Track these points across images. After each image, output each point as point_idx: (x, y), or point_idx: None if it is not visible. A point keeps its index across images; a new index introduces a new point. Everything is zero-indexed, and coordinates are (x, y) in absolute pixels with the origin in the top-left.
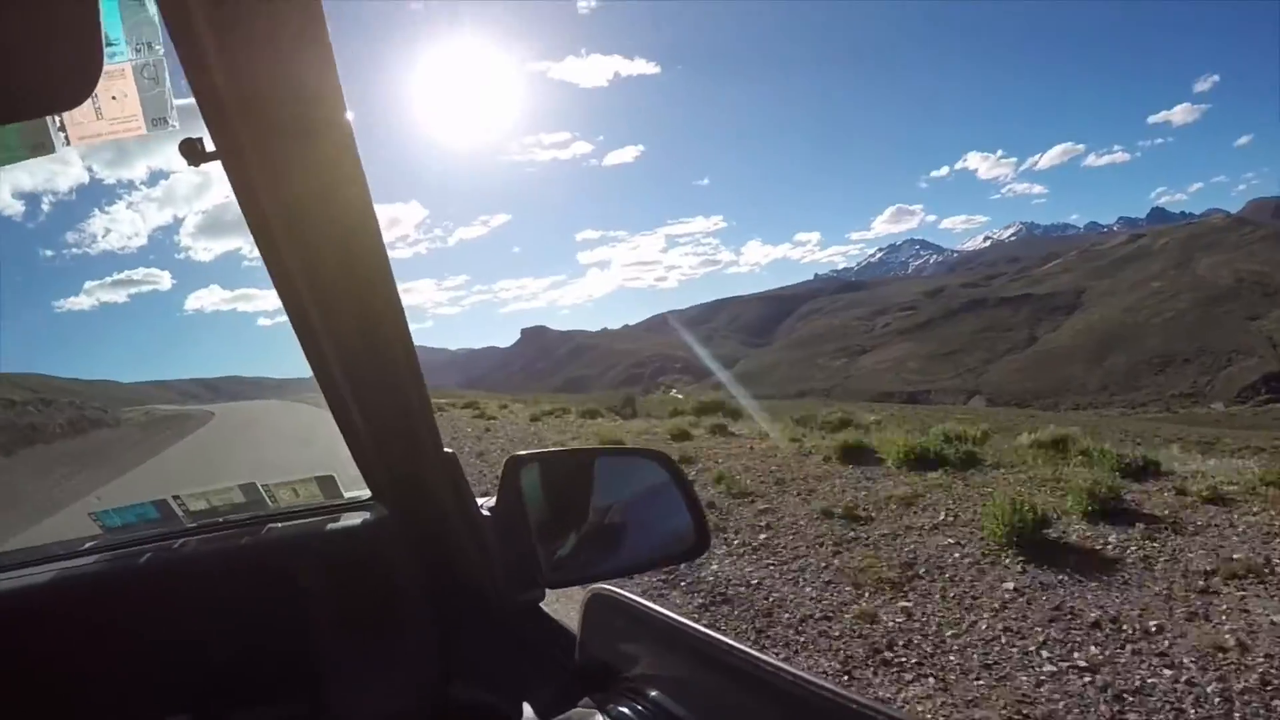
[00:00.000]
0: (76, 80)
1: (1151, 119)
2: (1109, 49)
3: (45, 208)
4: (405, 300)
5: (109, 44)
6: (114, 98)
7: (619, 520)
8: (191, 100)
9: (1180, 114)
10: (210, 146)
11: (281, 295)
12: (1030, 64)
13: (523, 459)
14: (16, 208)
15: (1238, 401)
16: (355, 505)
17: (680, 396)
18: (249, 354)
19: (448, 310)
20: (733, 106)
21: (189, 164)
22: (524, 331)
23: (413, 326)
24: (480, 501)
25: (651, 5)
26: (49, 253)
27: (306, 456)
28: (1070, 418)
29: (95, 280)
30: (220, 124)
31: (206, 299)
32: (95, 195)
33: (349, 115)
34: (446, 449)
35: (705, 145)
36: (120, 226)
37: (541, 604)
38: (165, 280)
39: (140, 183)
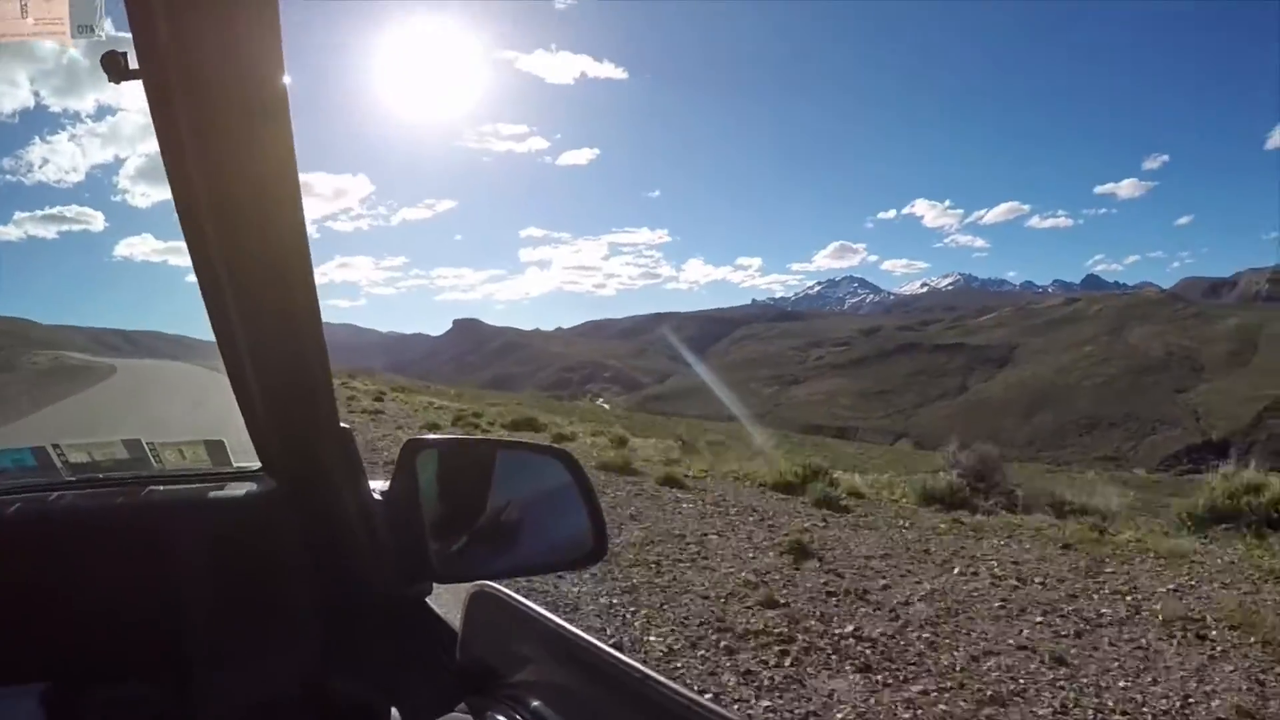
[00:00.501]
0: None
1: (1099, 189)
2: (1069, 116)
3: (68, 52)
4: (341, 275)
5: None
6: None
7: (516, 518)
8: (123, 12)
9: (1127, 188)
10: (134, 64)
11: (190, 245)
12: (992, 120)
13: (421, 443)
14: None
15: (1160, 469)
16: (243, 475)
17: (607, 406)
18: (174, 310)
19: (382, 290)
20: (694, 123)
21: (109, 79)
22: (456, 322)
23: (345, 304)
24: (373, 485)
25: (628, 11)
26: None
27: (199, 421)
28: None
29: (26, 212)
30: (147, 40)
31: (138, 247)
32: (38, 122)
33: (286, 79)
34: (343, 424)
35: (661, 157)
36: (59, 159)
37: (428, 598)
38: (98, 221)
39: (86, 115)
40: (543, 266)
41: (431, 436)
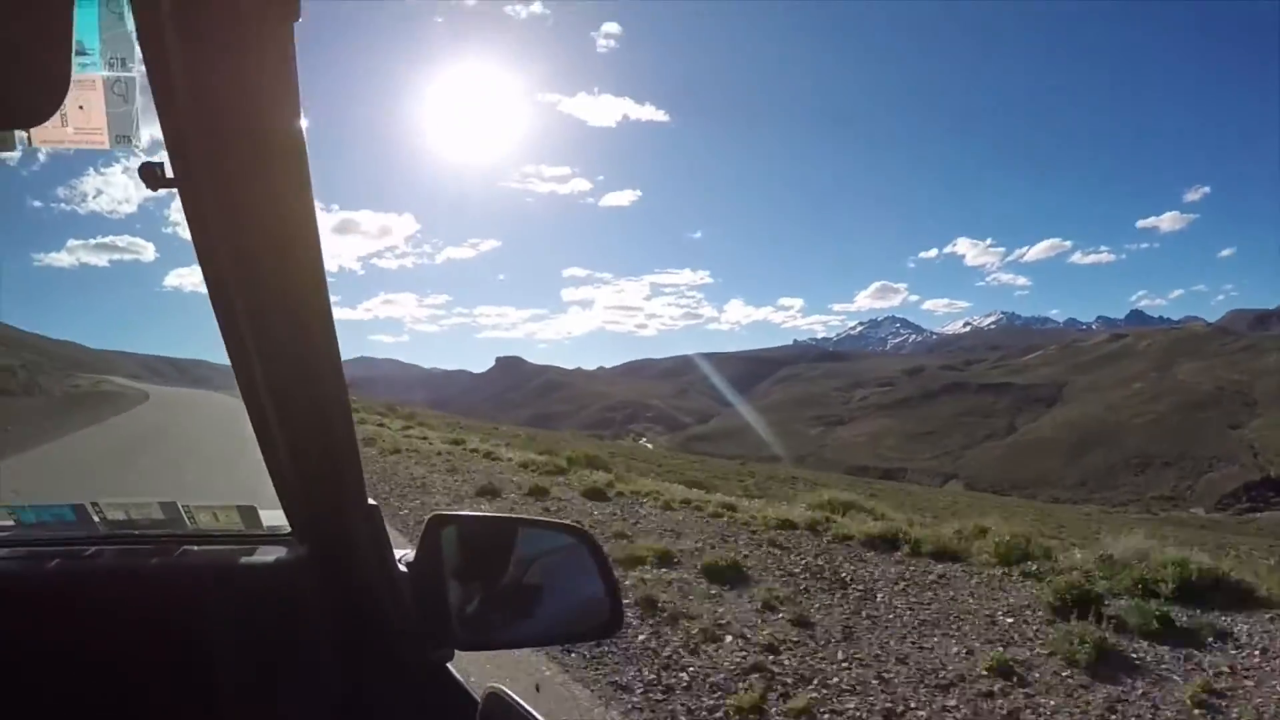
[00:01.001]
0: (43, 96)
1: (1140, 223)
2: (1109, 150)
3: (41, 158)
4: (385, 311)
5: (83, 53)
6: (81, 107)
7: (534, 591)
8: (158, 125)
9: (1169, 221)
10: (170, 173)
11: (222, 325)
12: (1033, 157)
13: (445, 519)
14: (12, 153)
15: (1219, 508)
16: (273, 538)
17: (650, 446)
18: (219, 342)
19: (426, 328)
20: (735, 164)
21: (148, 188)
22: (499, 360)
23: (389, 339)
24: (397, 554)
25: (669, 54)
26: (37, 204)
27: (227, 451)
28: (1047, 509)
29: (79, 240)
30: (180, 151)
31: (187, 279)
32: (93, 154)
33: (307, 150)
34: (371, 500)
35: (703, 199)
36: (113, 190)
37: (450, 664)
38: (149, 252)
39: (139, 150)
40: (585, 306)
41: (454, 512)
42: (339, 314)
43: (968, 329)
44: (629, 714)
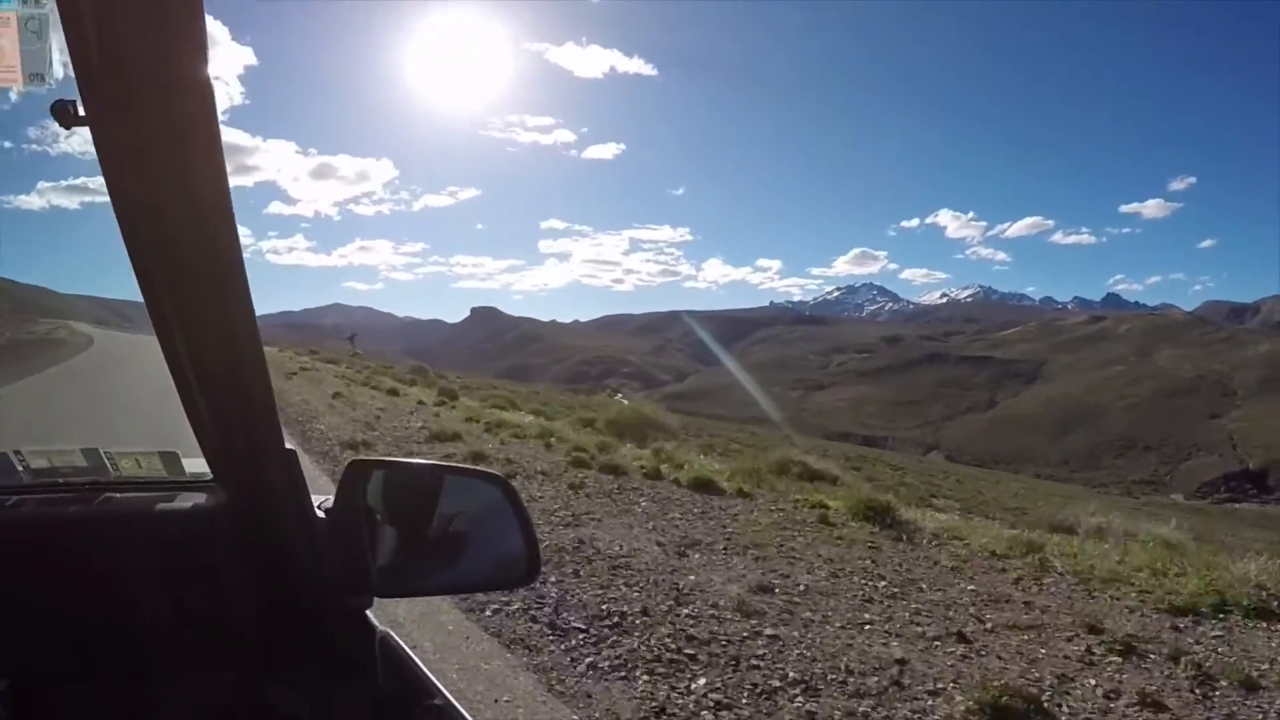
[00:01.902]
0: None
1: (1124, 208)
2: (1099, 134)
3: (13, 96)
4: (360, 259)
5: None
6: None
7: (453, 538)
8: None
9: (1152, 208)
10: (82, 111)
11: (136, 267)
12: (1022, 134)
13: (365, 464)
14: None
15: (1197, 495)
16: (195, 485)
17: (626, 402)
18: None
19: (401, 275)
20: (721, 123)
21: (60, 125)
22: (474, 310)
23: (363, 287)
24: (315, 500)
25: (661, 8)
26: (7, 144)
27: (153, 402)
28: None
29: (49, 182)
30: (91, 90)
31: None
32: (67, 91)
33: (215, 95)
34: (289, 446)
35: (687, 155)
36: (85, 130)
37: (369, 611)
38: None
39: (53, 87)
40: (562, 259)
41: (375, 458)
42: (314, 260)
43: (944, 300)
44: None
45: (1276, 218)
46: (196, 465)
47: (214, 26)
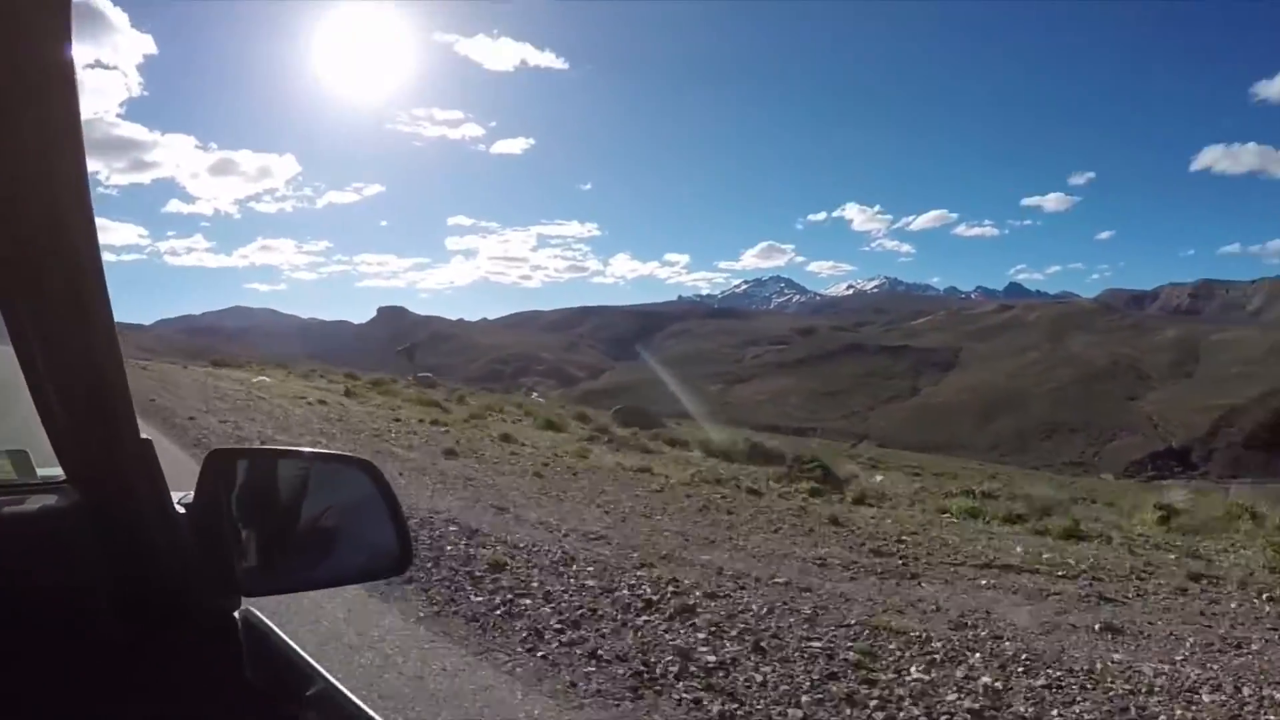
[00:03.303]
0: None
1: (1025, 201)
2: (1003, 130)
3: None
4: (262, 258)
5: None
6: None
7: (323, 530)
8: None
9: (1053, 201)
10: None
11: None
12: (927, 129)
13: (226, 454)
14: None
15: (1126, 475)
16: (46, 486)
17: (542, 400)
18: None
19: (304, 275)
20: (630, 118)
21: None
22: (381, 310)
23: (265, 288)
24: (175, 496)
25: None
26: None
27: (3, 402)
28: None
29: None
30: None
31: None
32: None
33: (78, 76)
34: (144, 436)
35: (595, 151)
36: None
37: (237, 613)
38: None
39: None
40: (468, 256)
41: (236, 448)
42: (215, 260)
43: (851, 291)
44: None
45: (1172, 212)
46: (49, 469)
47: (113, 12)
